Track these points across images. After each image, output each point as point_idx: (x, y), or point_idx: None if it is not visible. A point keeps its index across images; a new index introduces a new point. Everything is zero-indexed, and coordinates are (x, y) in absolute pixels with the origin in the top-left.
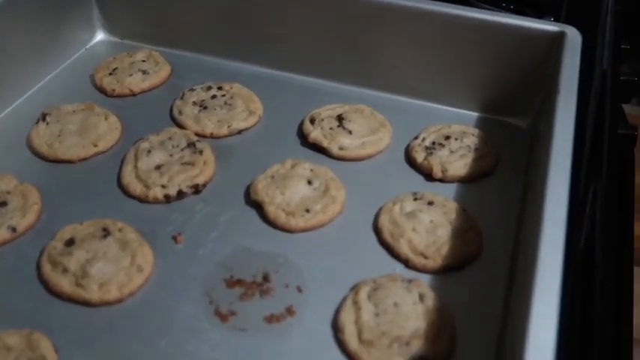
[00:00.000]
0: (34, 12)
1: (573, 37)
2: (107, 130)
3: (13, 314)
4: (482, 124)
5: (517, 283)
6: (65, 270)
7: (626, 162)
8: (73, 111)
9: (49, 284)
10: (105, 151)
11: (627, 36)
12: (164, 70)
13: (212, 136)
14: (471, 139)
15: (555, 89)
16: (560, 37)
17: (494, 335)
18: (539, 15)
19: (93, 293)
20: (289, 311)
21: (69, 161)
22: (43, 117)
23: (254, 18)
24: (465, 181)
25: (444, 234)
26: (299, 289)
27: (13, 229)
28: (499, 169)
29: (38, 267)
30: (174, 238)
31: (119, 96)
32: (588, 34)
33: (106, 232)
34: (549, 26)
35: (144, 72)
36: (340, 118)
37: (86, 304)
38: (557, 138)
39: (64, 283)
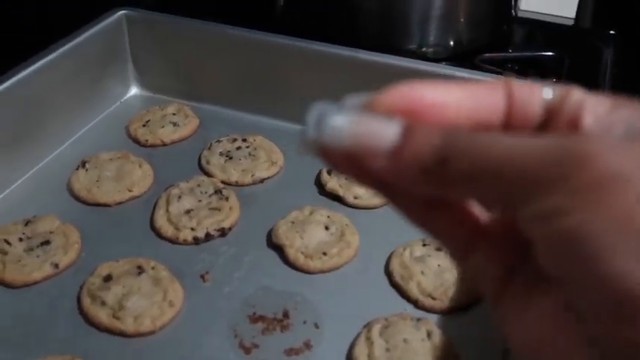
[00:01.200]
0: (75, 69)
1: None
2: (141, 176)
3: (55, 342)
4: None
5: None
6: (103, 303)
7: None
8: (110, 159)
9: (88, 316)
10: (139, 196)
11: (626, 95)
12: (193, 123)
13: (237, 184)
14: None
15: None
16: None
17: None
18: (542, 75)
19: (128, 325)
20: (307, 345)
21: (106, 205)
22: (83, 164)
23: (276, 76)
24: None
25: (450, 277)
26: (316, 326)
27: (56, 266)
28: None
29: (78, 300)
30: (202, 277)
31: (152, 146)
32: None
33: (140, 270)
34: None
35: (174, 124)
36: None
37: (122, 334)
38: None
39: (102, 315)
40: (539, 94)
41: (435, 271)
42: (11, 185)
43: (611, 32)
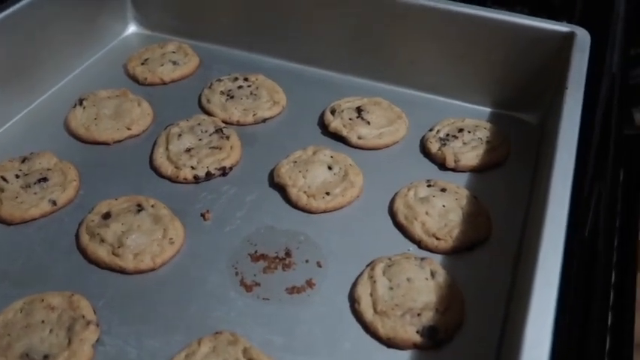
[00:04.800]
0: (71, 5)
1: (583, 37)
2: (140, 115)
3: (54, 279)
4: (494, 119)
5: (522, 263)
6: (102, 240)
7: (633, 163)
8: (108, 97)
9: (87, 253)
10: (138, 135)
11: (639, 41)
12: (193, 62)
13: (238, 124)
14: (484, 132)
15: (563, 85)
16: (570, 37)
17: (502, 309)
18: (553, 18)
19: (128, 262)
20: (309, 284)
21: (104, 143)
22: (80, 101)
23: (279, 14)
24: (476, 171)
25: (455, 218)
26: (319, 264)
27: (54, 203)
28: (509, 161)
29: (77, 237)
30: (203, 215)
31: (151, 84)
32: (599, 38)
33: (139, 207)
34: (560, 27)
35: (174, 62)
36: (359, 110)
37: (122, 271)
38: (563, 129)
39: (102, 252)
40: None
41: (440, 212)
42: (7, 123)
43: None
